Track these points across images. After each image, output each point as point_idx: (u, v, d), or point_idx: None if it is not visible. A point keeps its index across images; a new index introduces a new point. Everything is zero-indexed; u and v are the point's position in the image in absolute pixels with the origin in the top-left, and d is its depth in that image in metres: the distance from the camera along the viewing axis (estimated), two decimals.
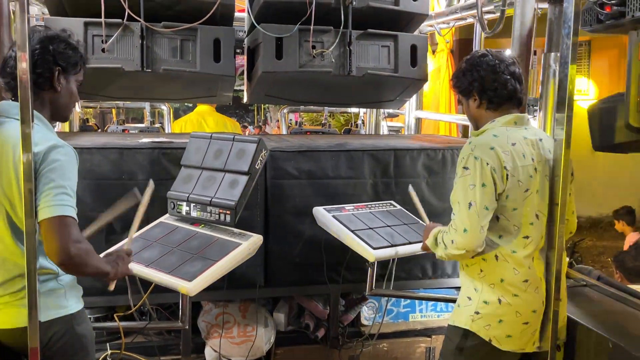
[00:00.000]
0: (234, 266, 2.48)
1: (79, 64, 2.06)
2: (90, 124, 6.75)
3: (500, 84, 2.28)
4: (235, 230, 2.60)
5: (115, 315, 2.62)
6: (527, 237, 2.24)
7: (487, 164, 2.15)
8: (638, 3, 2.30)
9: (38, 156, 1.82)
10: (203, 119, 5.65)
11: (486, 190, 2.15)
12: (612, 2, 2.40)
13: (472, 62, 2.34)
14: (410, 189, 2.88)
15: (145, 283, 2.49)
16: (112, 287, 2.19)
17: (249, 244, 2.52)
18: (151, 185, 2.46)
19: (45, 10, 3.72)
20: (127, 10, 3.05)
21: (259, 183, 2.97)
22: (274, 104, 9.58)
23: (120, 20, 3.09)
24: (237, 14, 3.62)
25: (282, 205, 3.09)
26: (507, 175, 2.17)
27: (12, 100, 1.99)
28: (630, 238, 6.27)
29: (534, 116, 3.23)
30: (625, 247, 6.09)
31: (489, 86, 2.29)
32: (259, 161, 2.68)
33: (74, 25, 3.03)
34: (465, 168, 2.19)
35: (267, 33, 3.23)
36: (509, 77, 2.28)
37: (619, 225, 6.54)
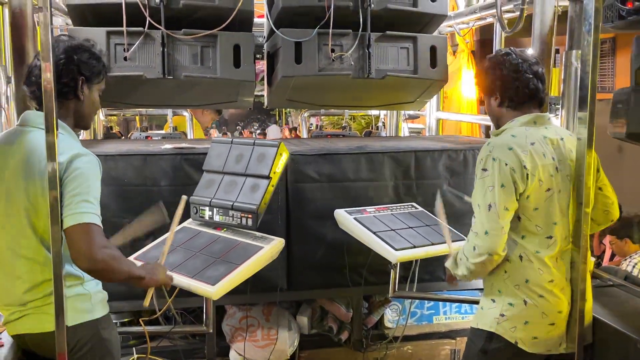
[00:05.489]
0: (257, 270, 2.50)
1: (101, 73, 2.09)
2: (114, 131, 6.85)
3: (522, 83, 2.26)
4: (258, 234, 2.62)
5: (140, 320, 2.65)
6: (550, 237, 2.21)
7: (506, 164, 2.14)
8: None
9: (62, 165, 1.85)
10: None
11: (505, 190, 2.13)
12: None
13: (495, 60, 2.33)
14: (438, 199, 2.78)
15: (170, 287, 2.52)
16: (147, 302, 2.18)
17: (271, 247, 2.53)
18: (183, 199, 2.45)
19: (69, 21, 3.79)
20: (148, 19, 3.09)
21: (280, 186, 2.98)
22: (295, 108, 9.62)
23: (141, 28, 3.13)
24: (256, 20, 3.64)
25: (304, 209, 3.10)
26: (527, 174, 2.15)
27: (37, 109, 2.02)
28: None
29: (556, 115, 3.19)
30: None
31: (510, 85, 2.27)
32: (279, 165, 2.69)
33: (96, 35, 3.09)
34: (484, 170, 2.18)
35: (286, 38, 3.25)
36: (531, 76, 2.26)
37: None
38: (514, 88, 2.27)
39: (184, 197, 2.39)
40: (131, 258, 2.49)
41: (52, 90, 1.79)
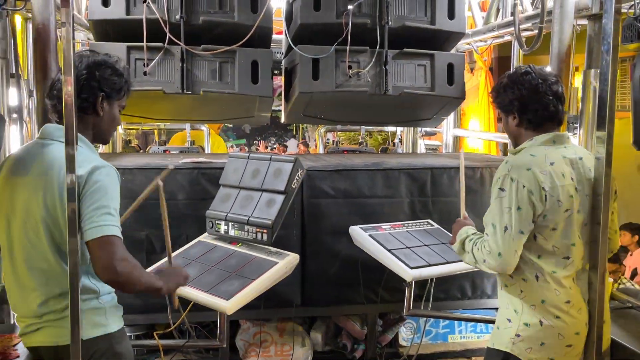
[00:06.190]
0: (271, 285, 2.49)
1: (123, 90, 2.10)
2: (132, 144, 6.92)
3: (542, 105, 2.22)
4: (272, 249, 2.62)
5: (155, 333, 2.66)
6: (567, 258, 2.18)
7: (524, 186, 2.11)
8: None
9: (81, 178, 1.86)
10: None
11: (521, 213, 2.11)
12: None
13: (514, 79, 2.28)
14: (461, 154, 2.79)
15: (185, 301, 2.52)
16: (176, 304, 2.25)
17: (286, 263, 2.53)
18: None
19: (91, 36, 3.86)
20: (168, 34, 3.14)
21: (296, 202, 2.99)
22: (311, 123, 9.65)
23: (161, 44, 3.18)
24: (274, 36, 3.68)
25: (319, 224, 3.10)
26: (545, 196, 2.13)
27: (57, 122, 2.05)
28: None
29: (574, 134, 3.17)
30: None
31: (529, 106, 2.24)
32: (295, 180, 2.69)
33: (117, 50, 3.14)
34: (501, 189, 2.15)
35: (304, 54, 3.28)
36: (551, 97, 2.22)
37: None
38: (533, 110, 2.24)
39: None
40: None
41: (73, 104, 1.81)
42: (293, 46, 3.33)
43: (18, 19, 3.36)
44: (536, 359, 2.18)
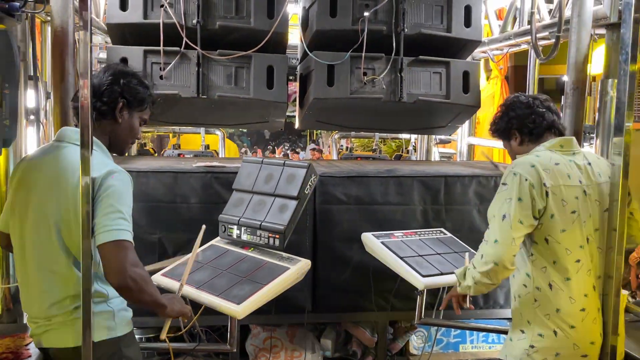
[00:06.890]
0: (282, 290, 2.49)
1: (145, 101, 2.11)
2: (147, 147, 6.96)
3: (538, 115, 2.32)
4: (284, 254, 2.62)
5: (165, 337, 2.66)
6: (578, 261, 2.17)
7: (526, 179, 2.15)
8: None
9: (95, 182, 1.87)
10: None
11: (522, 204, 2.13)
12: None
13: (506, 104, 2.41)
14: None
15: (196, 305, 2.53)
16: (163, 335, 2.17)
17: (297, 268, 2.52)
18: (203, 228, 2.44)
19: (109, 39, 3.89)
20: (185, 39, 3.16)
21: (308, 208, 2.98)
22: (325, 129, 9.66)
23: (178, 48, 3.20)
24: (290, 42, 3.69)
25: (331, 231, 3.10)
26: (547, 192, 2.14)
27: (76, 125, 2.07)
28: None
29: (590, 143, 3.15)
30: None
31: (527, 120, 2.32)
32: (308, 186, 2.69)
33: (134, 53, 3.16)
34: (503, 184, 2.20)
35: (319, 60, 3.28)
36: (544, 110, 2.32)
37: None
38: (531, 121, 2.32)
39: (204, 227, 2.42)
40: (158, 275, 2.51)
41: (89, 107, 1.83)
42: (308, 52, 3.34)
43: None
44: None
